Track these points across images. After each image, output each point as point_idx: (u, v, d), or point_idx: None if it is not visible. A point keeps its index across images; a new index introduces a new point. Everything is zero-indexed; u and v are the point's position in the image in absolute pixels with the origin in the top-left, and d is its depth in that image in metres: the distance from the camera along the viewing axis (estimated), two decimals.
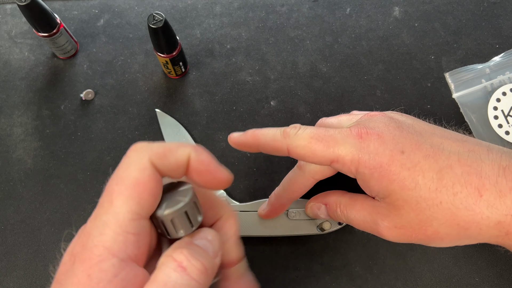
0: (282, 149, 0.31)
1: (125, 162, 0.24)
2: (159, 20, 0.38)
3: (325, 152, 0.30)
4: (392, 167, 0.28)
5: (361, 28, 0.47)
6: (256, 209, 0.40)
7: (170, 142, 0.25)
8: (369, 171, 0.29)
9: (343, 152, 0.29)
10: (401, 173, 0.28)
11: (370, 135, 0.29)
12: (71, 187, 0.43)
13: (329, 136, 0.30)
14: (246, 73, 0.46)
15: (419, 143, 0.29)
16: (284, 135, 0.31)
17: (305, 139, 0.30)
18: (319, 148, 0.30)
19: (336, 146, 0.29)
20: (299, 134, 0.31)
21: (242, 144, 0.34)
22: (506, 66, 0.44)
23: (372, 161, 0.29)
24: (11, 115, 0.45)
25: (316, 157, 0.30)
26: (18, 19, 0.48)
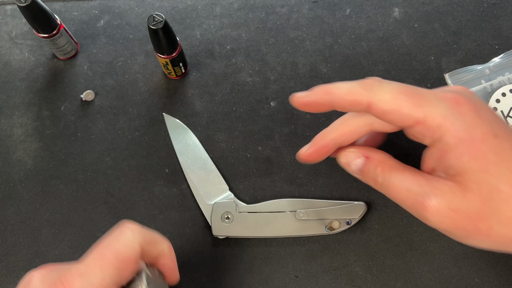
0: (361, 103, 0.28)
1: (120, 236, 0.28)
2: (159, 21, 0.38)
3: (412, 110, 0.26)
4: (482, 146, 0.26)
5: (361, 29, 0.47)
6: (265, 210, 0.41)
7: (153, 233, 0.30)
8: (455, 141, 0.26)
9: (434, 113, 0.26)
10: (489, 155, 0.26)
11: (469, 104, 0.26)
12: (71, 188, 0.43)
13: (420, 94, 0.27)
14: (246, 74, 0.46)
15: (509, 135, 0.27)
16: (366, 86, 0.28)
17: (392, 93, 0.27)
18: (406, 104, 0.26)
19: (427, 106, 0.26)
20: (384, 87, 0.27)
21: (311, 102, 0.30)
22: (505, 67, 0.44)
23: (463, 132, 0.26)
24: (11, 116, 0.45)
25: (401, 114, 0.27)
26: (19, 20, 0.48)
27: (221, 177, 0.43)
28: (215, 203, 0.41)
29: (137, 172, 0.43)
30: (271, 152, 0.44)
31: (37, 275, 0.27)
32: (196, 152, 0.43)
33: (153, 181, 0.43)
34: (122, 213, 0.42)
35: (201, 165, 0.43)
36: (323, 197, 0.42)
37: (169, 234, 0.42)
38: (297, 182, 0.43)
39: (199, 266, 0.41)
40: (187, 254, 0.41)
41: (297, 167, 0.43)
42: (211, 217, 0.41)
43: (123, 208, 0.42)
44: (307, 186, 0.43)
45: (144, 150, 0.44)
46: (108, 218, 0.42)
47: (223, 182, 0.42)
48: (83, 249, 0.41)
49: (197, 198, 0.42)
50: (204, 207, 0.41)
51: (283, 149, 0.44)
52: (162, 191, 0.43)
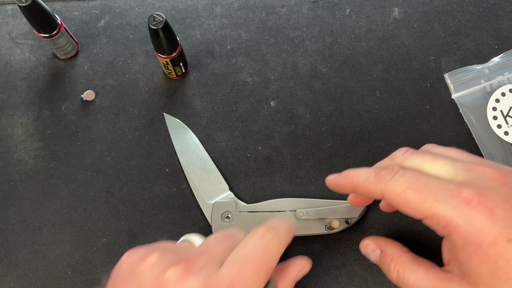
0: (375, 193, 0.29)
1: (270, 246, 0.29)
2: (160, 21, 0.38)
3: (419, 206, 0.27)
4: (491, 251, 0.25)
5: (361, 29, 0.47)
6: (265, 209, 0.41)
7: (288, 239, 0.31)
8: (463, 242, 0.26)
9: (440, 211, 0.26)
10: (499, 261, 0.25)
11: (481, 205, 0.25)
12: (72, 188, 0.43)
13: (429, 190, 0.27)
14: (246, 74, 0.46)
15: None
16: (378, 178, 0.29)
17: (401, 187, 0.27)
18: (414, 200, 0.27)
19: (435, 204, 0.26)
20: (394, 180, 0.28)
21: (338, 185, 0.33)
22: (505, 66, 0.44)
23: (471, 235, 0.25)
24: (12, 116, 0.45)
25: (410, 208, 0.27)
26: (19, 20, 0.48)
27: (221, 177, 0.43)
28: (215, 203, 0.41)
29: (138, 172, 0.43)
30: (271, 152, 0.44)
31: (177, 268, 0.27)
32: (196, 151, 0.44)
33: (154, 180, 0.43)
34: (123, 212, 0.42)
35: (201, 165, 0.43)
36: (323, 196, 0.42)
37: (169, 233, 0.42)
38: (297, 182, 0.43)
39: None
40: None
41: (297, 166, 0.43)
42: (211, 217, 0.41)
43: (123, 208, 0.43)
44: (307, 186, 0.43)
45: (145, 150, 0.44)
46: (109, 218, 0.42)
47: (223, 182, 0.42)
48: (83, 249, 0.42)
49: (197, 197, 0.42)
50: (204, 206, 0.42)
51: (283, 149, 0.44)
52: (162, 190, 0.43)
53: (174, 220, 0.42)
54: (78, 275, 0.41)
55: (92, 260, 0.41)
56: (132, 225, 0.42)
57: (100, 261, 0.41)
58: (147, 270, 0.27)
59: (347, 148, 0.44)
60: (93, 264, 0.41)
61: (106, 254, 0.41)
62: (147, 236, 0.42)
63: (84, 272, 0.41)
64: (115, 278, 0.29)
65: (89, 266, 0.41)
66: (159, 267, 0.27)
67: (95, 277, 0.41)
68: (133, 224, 0.42)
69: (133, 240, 0.42)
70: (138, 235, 0.42)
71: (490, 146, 0.43)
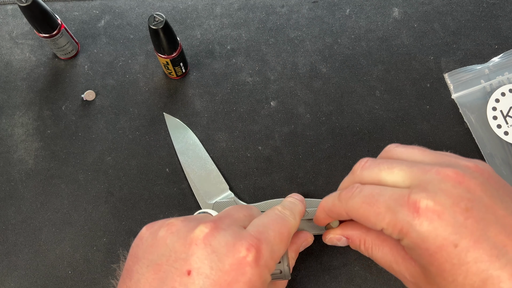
0: (342, 214, 0.31)
1: (291, 217, 0.33)
2: (160, 21, 0.38)
3: (375, 219, 0.28)
4: (438, 256, 0.26)
5: (361, 29, 0.47)
6: (264, 209, 0.41)
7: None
8: (413, 245, 0.27)
9: (393, 220, 0.27)
10: (444, 264, 0.26)
11: (429, 212, 0.26)
12: (72, 187, 0.43)
13: (382, 202, 0.28)
14: (246, 74, 0.46)
15: (479, 240, 0.25)
16: (340, 199, 0.31)
17: (357, 203, 0.29)
18: (370, 213, 0.28)
19: (387, 214, 0.28)
20: (353, 197, 0.30)
21: (318, 220, 0.35)
22: (505, 66, 0.44)
23: (418, 240, 0.26)
24: (12, 116, 0.45)
25: (369, 222, 0.29)
26: (19, 20, 0.48)
27: (221, 177, 0.43)
28: (215, 203, 0.41)
29: (138, 172, 0.44)
30: (271, 152, 0.44)
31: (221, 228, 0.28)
32: (196, 151, 0.44)
33: (154, 180, 0.43)
34: (123, 212, 0.42)
35: (201, 165, 0.43)
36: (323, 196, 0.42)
37: None
38: (297, 182, 0.43)
39: None
40: None
41: (297, 166, 0.43)
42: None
43: (123, 208, 0.43)
44: (307, 186, 0.43)
45: (145, 150, 0.44)
46: (109, 218, 0.42)
47: (223, 182, 0.43)
48: (84, 249, 0.42)
49: (198, 197, 0.42)
50: (204, 206, 0.42)
51: (283, 148, 0.44)
52: (162, 190, 0.43)
53: None
54: (79, 275, 0.41)
55: (92, 260, 0.41)
56: (133, 225, 0.42)
57: (101, 261, 0.41)
58: (173, 234, 0.28)
59: (347, 148, 0.44)
60: (93, 264, 0.41)
61: (107, 254, 0.41)
62: None
63: (84, 272, 0.41)
64: (136, 250, 0.29)
65: (90, 266, 0.41)
66: (185, 229, 0.28)
67: (95, 277, 0.41)
68: (134, 224, 0.42)
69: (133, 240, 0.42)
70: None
71: (490, 146, 0.43)
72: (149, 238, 0.29)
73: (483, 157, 0.43)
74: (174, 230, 0.28)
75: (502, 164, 0.42)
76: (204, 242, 0.26)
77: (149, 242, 0.28)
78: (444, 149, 0.43)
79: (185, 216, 0.30)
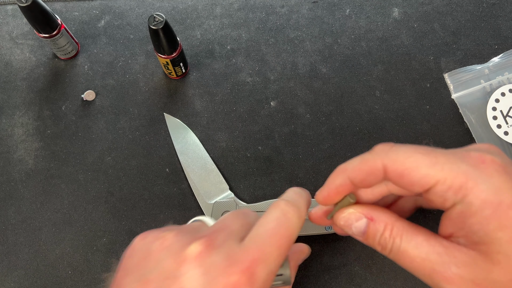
0: (376, 168, 0.26)
1: (290, 221, 0.27)
2: (160, 21, 0.38)
3: (430, 169, 0.24)
4: (511, 212, 0.23)
5: (361, 29, 0.47)
6: (265, 209, 0.41)
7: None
8: (480, 203, 0.23)
9: (455, 171, 0.23)
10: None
11: (496, 164, 0.24)
12: (72, 187, 0.43)
13: (437, 152, 0.24)
14: (246, 74, 0.46)
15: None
16: (377, 151, 0.26)
17: (407, 152, 0.25)
18: (424, 162, 0.24)
19: (447, 163, 0.24)
20: (398, 148, 0.25)
21: (331, 192, 0.28)
22: (505, 66, 0.44)
23: (490, 194, 0.23)
24: (12, 116, 0.45)
25: (419, 174, 0.24)
26: (19, 20, 0.48)
27: (221, 177, 0.43)
28: (215, 203, 0.41)
29: (138, 172, 0.44)
30: (271, 152, 0.44)
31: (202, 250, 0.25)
32: (196, 151, 0.44)
33: (154, 180, 0.43)
34: (123, 212, 0.42)
35: (201, 165, 0.43)
36: None
37: None
38: (297, 182, 0.43)
39: None
40: None
41: (297, 166, 0.43)
42: (211, 217, 0.41)
43: (123, 208, 0.43)
44: (307, 186, 0.43)
45: (145, 150, 0.44)
46: (109, 217, 0.42)
47: (223, 182, 0.43)
48: (84, 249, 0.42)
49: (198, 197, 0.42)
50: (204, 206, 0.42)
51: (283, 148, 0.44)
52: (162, 190, 0.43)
53: (174, 220, 0.42)
54: (79, 275, 0.41)
55: (92, 260, 0.41)
56: (133, 225, 0.42)
57: (101, 261, 0.41)
58: (165, 249, 0.26)
59: (347, 148, 0.44)
60: (93, 264, 0.41)
61: (107, 254, 0.41)
62: None
63: (84, 272, 0.41)
64: (127, 262, 0.27)
65: (90, 266, 0.41)
66: (178, 245, 0.26)
67: (95, 277, 0.41)
68: (134, 224, 0.42)
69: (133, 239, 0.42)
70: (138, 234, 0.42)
71: None
72: (141, 250, 0.27)
73: None
74: (167, 244, 0.26)
75: None
76: (197, 261, 0.25)
77: (140, 255, 0.27)
78: None
79: (180, 228, 0.28)
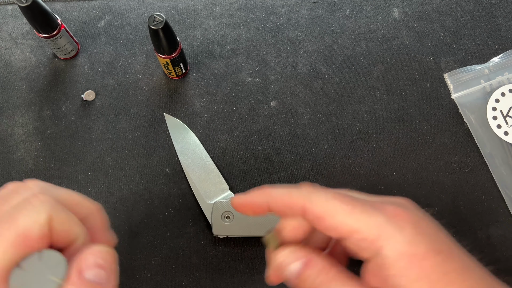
0: (296, 205, 0.26)
1: (24, 210, 0.24)
2: (160, 21, 0.38)
3: (347, 218, 0.24)
4: (425, 263, 0.24)
5: (361, 29, 0.47)
6: None
7: (71, 196, 0.27)
8: (396, 256, 0.24)
9: (371, 222, 0.24)
10: (432, 275, 0.24)
11: (408, 217, 0.25)
12: (72, 188, 0.43)
13: (356, 201, 0.25)
14: (246, 74, 0.46)
15: (452, 252, 0.25)
16: (302, 190, 0.26)
17: (327, 197, 0.25)
18: (341, 211, 0.25)
19: (364, 214, 0.24)
20: (320, 191, 0.26)
21: (248, 204, 0.28)
22: (505, 67, 0.44)
23: (404, 246, 0.24)
24: (12, 116, 0.45)
25: (335, 220, 0.25)
26: (19, 20, 0.48)
27: (221, 177, 0.43)
28: (215, 203, 0.41)
29: (138, 172, 0.44)
30: (271, 152, 0.44)
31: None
32: (196, 151, 0.44)
33: (154, 180, 0.43)
34: (123, 212, 0.42)
35: (201, 165, 0.43)
36: None
37: (169, 233, 0.42)
38: (297, 182, 0.43)
39: (199, 265, 0.41)
40: (188, 253, 0.42)
41: (297, 166, 0.43)
42: (211, 217, 0.41)
43: (123, 208, 0.43)
44: None
45: (145, 150, 0.44)
46: (109, 218, 0.42)
47: (223, 182, 0.43)
48: None
49: (198, 197, 0.42)
50: (204, 206, 0.42)
51: (283, 149, 0.44)
52: (162, 190, 0.43)
53: (174, 220, 0.42)
54: None
55: None
56: (132, 225, 0.42)
57: None
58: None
59: (347, 148, 0.44)
60: None
61: None
62: (147, 236, 0.42)
63: None
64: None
65: None
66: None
67: None
68: (133, 224, 0.42)
69: (133, 240, 0.42)
70: (138, 235, 0.42)
71: (490, 146, 0.43)
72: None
73: (483, 157, 0.43)
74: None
75: (502, 164, 0.42)
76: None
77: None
78: (444, 149, 0.43)
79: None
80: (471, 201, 0.42)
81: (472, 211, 0.42)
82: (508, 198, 0.42)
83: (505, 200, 0.42)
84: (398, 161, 0.43)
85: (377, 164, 0.43)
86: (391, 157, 0.43)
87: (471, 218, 0.42)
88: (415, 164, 0.43)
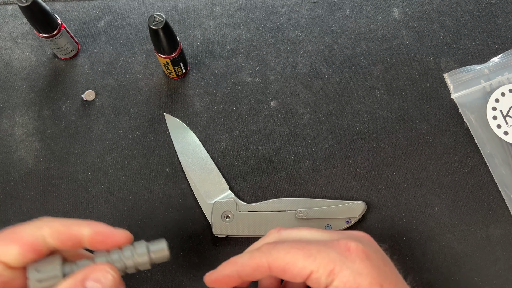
0: (262, 265, 0.29)
1: (24, 226, 0.29)
2: (160, 21, 0.38)
3: (305, 261, 0.28)
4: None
5: (361, 29, 0.47)
6: (265, 209, 0.41)
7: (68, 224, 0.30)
8: (343, 286, 0.28)
9: (324, 259, 0.28)
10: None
11: (359, 250, 0.28)
12: (72, 188, 0.43)
13: (311, 245, 0.29)
14: (246, 74, 0.46)
15: (396, 285, 0.29)
16: (263, 250, 0.29)
17: (285, 249, 0.29)
18: (299, 257, 0.28)
19: (318, 254, 0.28)
20: (279, 246, 0.29)
21: (220, 277, 0.30)
22: (505, 66, 0.44)
23: (351, 278, 0.27)
24: (13, 116, 0.45)
25: (297, 267, 0.28)
26: (19, 20, 0.48)
27: (221, 177, 0.43)
28: (215, 202, 0.41)
29: (138, 172, 0.44)
30: (271, 152, 0.44)
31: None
32: (196, 151, 0.44)
33: (154, 180, 0.43)
34: (123, 212, 0.42)
35: (201, 165, 0.43)
36: (323, 196, 0.42)
37: (169, 233, 0.42)
38: (297, 182, 0.43)
39: (199, 265, 0.41)
40: (188, 253, 0.42)
41: (297, 166, 0.43)
42: (211, 216, 0.41)
43: (123, 208, 0.43)
44: (307, 186, 0.43)
45: (145, 150, 0.44)
46: (109, 218, 0.42)
47: (223, 182, 0.43)
48: None
49: (198, 197, 0.42)
50: (204, 206, 0.42)
51: (283, 148, 0.44)
52: (162, 190, 0.43)
53: (174, 220, 0.42)
54: None
55: None
56: (132, 225, 0.42)
57: None
58: None
59: (347, 148, 0.44)
60: None
61: None
62: (147, 236, 0.42)
63: None
64: None
65: None
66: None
67: None
68: (133, 224, 0.42)
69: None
70: (138, 234, 0.42)
71: (490, 146, 0.43)
72: None
73: (483, 157, 0.43)
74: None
75: (502, 164, 0.42)
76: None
77: None
78: (444, 149, 0.43)
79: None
80: (471, 201, 0.42)
81: (472, 211, 0.42)
82: (508, 198, 0.42)
83: (505, 200, 0.42)
84: (398, 161, 0.43)
85: (377, 164, 0.43)
86: (391, 157, 0.43)
87: (471, 218, 0.42)
88: (415, 164, 0.43)
